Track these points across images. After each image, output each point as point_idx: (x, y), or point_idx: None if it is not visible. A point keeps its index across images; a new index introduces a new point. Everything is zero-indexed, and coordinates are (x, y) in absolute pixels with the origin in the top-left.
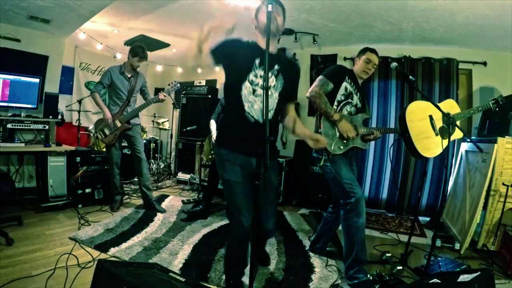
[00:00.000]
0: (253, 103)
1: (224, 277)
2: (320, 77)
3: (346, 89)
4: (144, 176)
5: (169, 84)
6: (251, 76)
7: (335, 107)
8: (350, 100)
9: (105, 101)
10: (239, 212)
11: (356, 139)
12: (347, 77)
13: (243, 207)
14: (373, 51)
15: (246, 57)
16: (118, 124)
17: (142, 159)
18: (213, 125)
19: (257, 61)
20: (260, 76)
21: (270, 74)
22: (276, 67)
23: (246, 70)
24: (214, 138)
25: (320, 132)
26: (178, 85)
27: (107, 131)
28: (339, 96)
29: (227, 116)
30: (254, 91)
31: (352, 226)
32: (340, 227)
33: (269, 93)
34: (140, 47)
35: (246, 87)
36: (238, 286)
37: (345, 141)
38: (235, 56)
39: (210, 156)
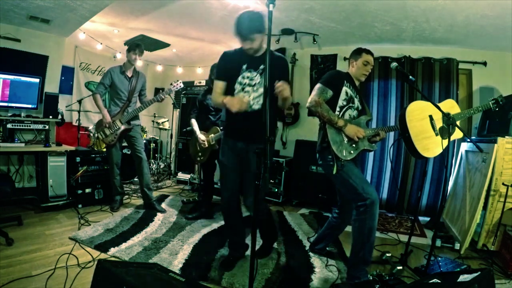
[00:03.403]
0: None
1: (224, 277)
2: (318, 85)
3: (347, 93)
4: (145, 176)
5: (171, 84)
6: (240, 79)
7: (337, 112)
8: (351, 104)
9: (105, 101)
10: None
11: (364, 141)
12: (345, 81)
13: (228, 185)
14: (368, 52)
15: (235, 65)
16: (119, 124)
17: (143, 159)
18: (195, 124)
19: (244, 66)
20: (247, 77)
21: (255, 74)
22: (261, 67)
23: (236, 74)
24: (201, 138)
25: (328, 140)
26: (181, 84)
27: (107, 132)
28: (341, 102)
29: (226, 111)
30: (243, 89)
31: (365, 228)
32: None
33: (255, 88)
34: (135, 43)
35: (237, 88)
36: (229, 261)
37: (354, 145)
38: (228, 68)
39: (198, 159)
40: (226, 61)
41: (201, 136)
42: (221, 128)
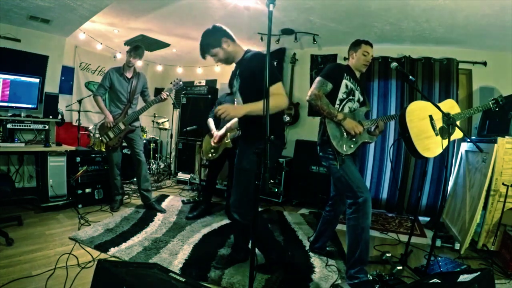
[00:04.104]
0: None
1: (224, 277)
2: (318, 78)
3: (347, 86)
4: (143, 178)
5: (171, 83)
6: (233, 89)
7: (337, 106)
8: (352, 97)
9: (105, 102)
10: None
11: (363, 134)
12: (345, 74)
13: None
14: (367, 42)
15: (232, 81)
16: (122, 126)
17: (142, 161)
18: (211, 123)
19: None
20: (234, 87)
21: (234, 81)
22: (237, 72)
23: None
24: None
25: (328, 135)
26: (181, 82)
27: (111, 134)
28: (341, 95)
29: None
30: (236, 98)
31: (358, 226)
32: (339, 226)
33: (237, 94)
34: (134, 45)
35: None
36: (227, 260)
37: (353, 139)
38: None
39: (210, 155)
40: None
41: (217, 133)
42: (238, 128)
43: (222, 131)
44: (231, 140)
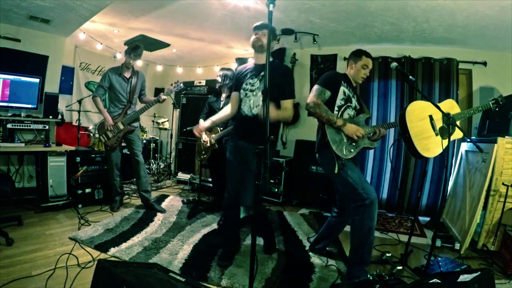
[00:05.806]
0: (244, 103)
1: (224, 277)
2: (316, 86)
3: (344, 93)
4: (142, 179)
5: (171, 84)
6: (244, 85)
7: (335, 112)
8: (350, 104)
9: (105, 102)
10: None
11: (364, 139)
12: (342, 81)
13: (233, 179)
14: (368, 55)
15: (242, 75)
16: (121, 126)
17: (140, 162)
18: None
19: (248, 75)
20: (249, 83)
21: (256, 80)
22: (261, 73)
23: (242, 83)
24: (204, 139)
25: (327, 140)
26: (181, 85)
27: (110, 134)
28: (339, 102)
29: (234, 116)
30: (246, 94)
31: (364, 228)
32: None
33: (254, 92)
34: (133, 45)
35: (242, 93)
36: (227, 255)
37: (354, 144)
38: (238, 80)
39: (202, 156)
40: (237, 74)
41: (204, 137)
42: (221, 128)
43: (208, 123)
44: (216, 141)
